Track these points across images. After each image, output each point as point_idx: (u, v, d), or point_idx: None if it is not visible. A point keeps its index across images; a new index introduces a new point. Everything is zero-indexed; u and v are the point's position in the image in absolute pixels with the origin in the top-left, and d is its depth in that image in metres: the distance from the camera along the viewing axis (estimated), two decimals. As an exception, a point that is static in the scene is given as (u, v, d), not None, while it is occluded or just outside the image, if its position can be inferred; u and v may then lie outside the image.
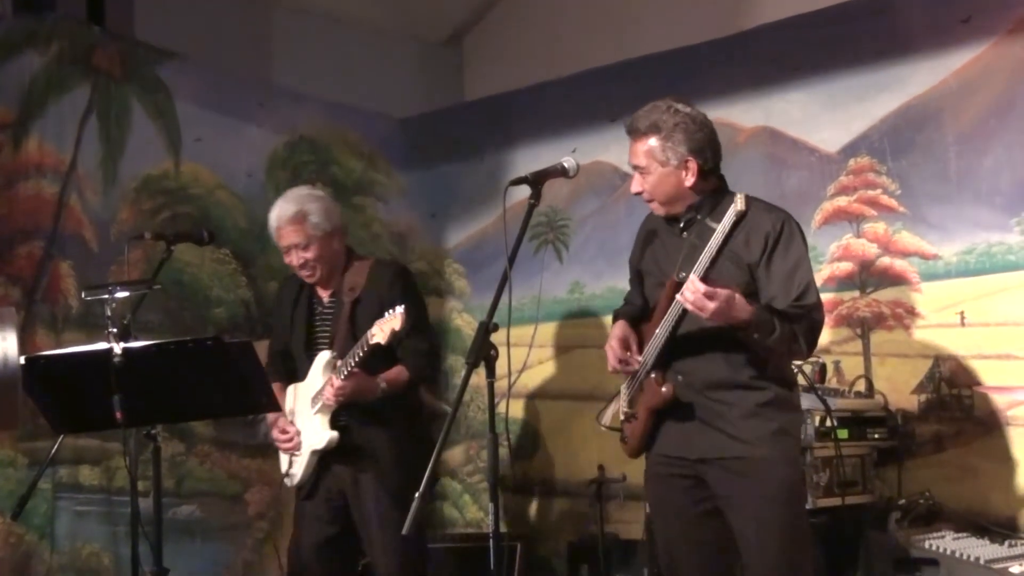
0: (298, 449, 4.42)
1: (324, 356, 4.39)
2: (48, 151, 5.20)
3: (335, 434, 4.33)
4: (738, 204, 3.41)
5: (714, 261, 3.44)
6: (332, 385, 4.24)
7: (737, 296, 3.37)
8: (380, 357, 4.29)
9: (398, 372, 4.40)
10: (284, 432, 4.44)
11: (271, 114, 6.10)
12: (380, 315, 4.26)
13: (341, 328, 4.40)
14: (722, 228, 3.42)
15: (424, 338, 4.43)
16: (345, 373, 4.23)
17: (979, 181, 4.82)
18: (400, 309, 4.08)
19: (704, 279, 3.37)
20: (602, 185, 6.02)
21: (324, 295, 4.54)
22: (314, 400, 4.35)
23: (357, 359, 4.20)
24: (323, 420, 4.35)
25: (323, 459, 4.40)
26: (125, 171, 5.44)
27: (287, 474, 4.48)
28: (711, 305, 3.32)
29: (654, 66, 5.72)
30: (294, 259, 4.42)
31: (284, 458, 4.53)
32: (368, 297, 4.41)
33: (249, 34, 6.25)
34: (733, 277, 3.49)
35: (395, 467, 4.36)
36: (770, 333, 3.41)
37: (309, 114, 6.28)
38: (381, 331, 4.11)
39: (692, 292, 3.33)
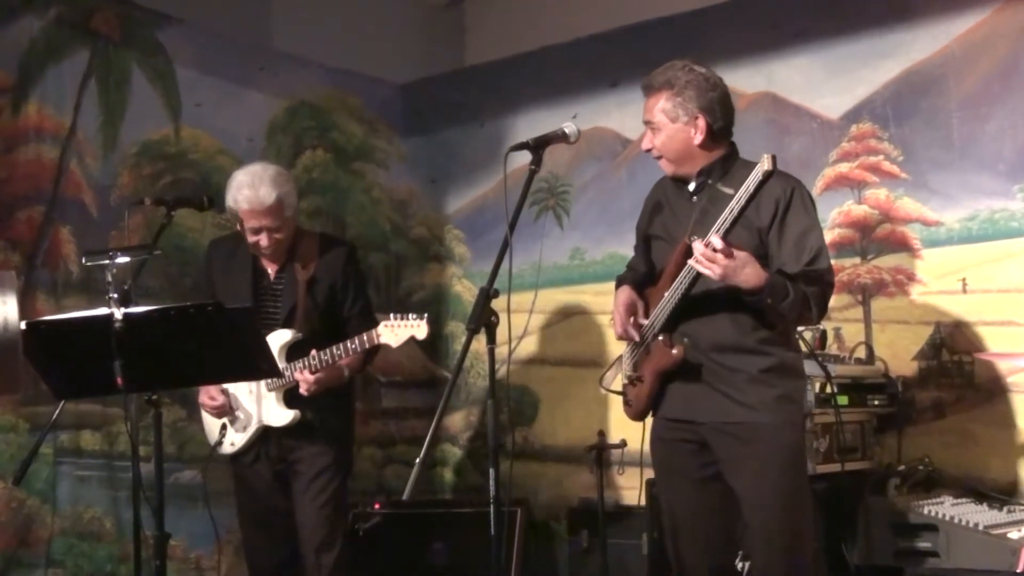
0: (225, 414, 4.45)
1: (283, 335, 4.37)
2: (47, 116, 5.18)
3: (297, 413, 4.38)
4: (765, 164, 3.31)
5: (734, 222, 3.40)
6: (305, 375, 4.27)
7: (753, 260, 3.37)
8: (325, 327, 4.38)
9: (355, 356, 4.42)
10: (213, 399, 4.43)
11: (271, 79, 6.07)
12: (332, 295, 4.41)
13: (300, 306, 4.40)
14: (746, 188, 3.35)
15: (373, 320, 4.44)
16: (320, 363, 4.27)
17: (982, 147, 4.81)
18: (424, 317, 4.16)
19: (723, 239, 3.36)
20: (603, 151, 6.01)
21: (271, 269, 4.50)
22: None
23: (341, 354, 4.26)
24: (278, 397, 4.39)
25: (266, 429, 4.44)
26: (125, 136, 5.42)
27: (220, 442, 4.48)
28: (727, 264, 3.30)
29: (656, 31, 5.69)
30: (263, 240, 4.35)
31: (214, 424, 4.52)
32: (321, 276, 4.45)
33: (249, -2, 6.22)
34: (744, 241, 3.47)
35: (338, 437, 4.48)
36: (783, 298, 3.41)
37: (309, 79, 6.25)
38: (395, 335, 4.16)
39: (711, 250, 3.31)
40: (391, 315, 4.20)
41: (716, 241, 3.32)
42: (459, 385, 6.35)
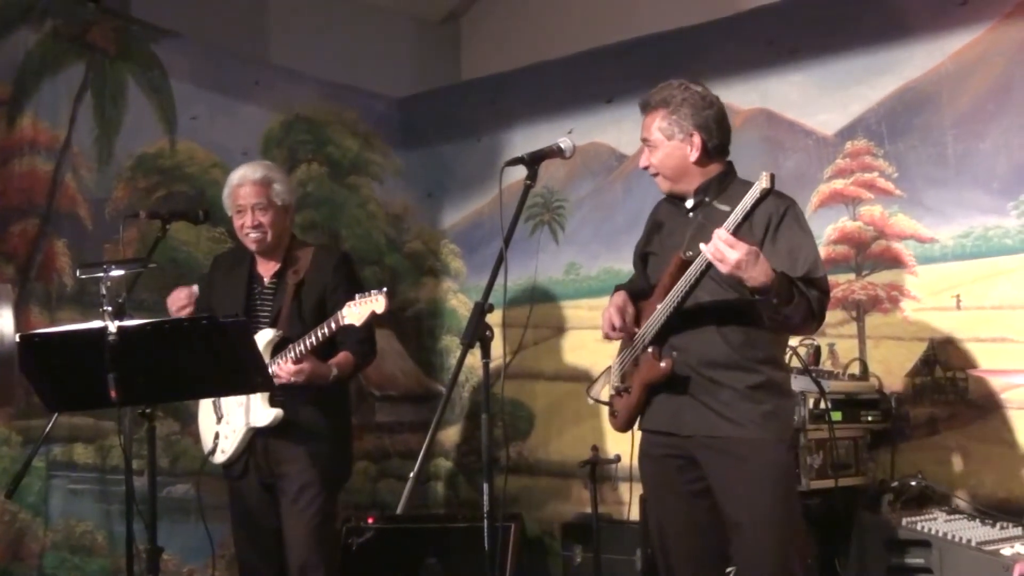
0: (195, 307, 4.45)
1: (267, 334, 4.35)
2: (42, 128, 5.18)
3: (279, 411, 4.32)
4: (763, 182, 3.32)
5: (739, 226, 3.38)
6: (283, 365, 4.23)
7: (763, 257, 3.36)
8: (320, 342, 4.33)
9: (345, 358, 4.40)
10: (180, 299, 4.48)
11: (267, 93, 6.09)
12: (322, 299, 4.38)
13: (286, 308, 4.39)
14: (742, 206, 3.34)
15: (367, 325, 4.40)
16: (297, 354, 4.23)
17: (976, 165, 4.82)
18: (383, 291, 4.12)
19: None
20: (598, 166, 6.01)
21: (265, 274, 4.51)
22: None
23: (313, 342, 4.22)
24: (263, 397, 4.34)
25: (254, 436, 4.39)
26: (120, 149, 5.43)
27: (213, 450, 4.45)
28: (735, 255, 3.28)
29: (651, 47, 5.71)
30: (248, 220, 4.38)
31: (208, 433, 4.50)
32: (312, 280, 4.44)
33: (245, 12, 6.23)
34: None
35: (327, 451, 4.41)
36: (788, 300, 3.39)
37: (305, 93, 6.26)
38: (358, 313, 4.13)
39: (719, 241, 3.30)
40: (356, 296, 4.18)
41: (723, 232, 3.32)
42: (453, 399, 6.35)
